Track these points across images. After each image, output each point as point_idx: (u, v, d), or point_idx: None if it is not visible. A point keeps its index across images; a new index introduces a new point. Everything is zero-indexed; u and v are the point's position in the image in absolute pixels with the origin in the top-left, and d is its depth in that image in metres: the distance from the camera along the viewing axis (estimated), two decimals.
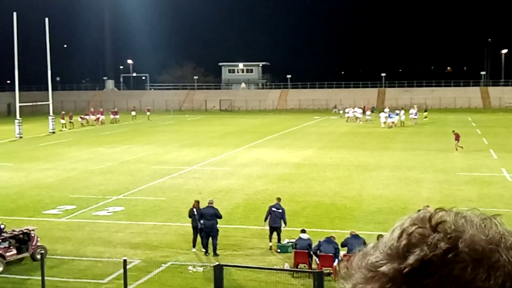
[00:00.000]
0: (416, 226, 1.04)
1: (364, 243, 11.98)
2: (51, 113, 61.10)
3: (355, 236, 17.40)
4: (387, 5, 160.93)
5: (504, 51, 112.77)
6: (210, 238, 19.21)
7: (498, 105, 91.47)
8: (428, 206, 17.02)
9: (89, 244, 20.32)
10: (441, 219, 1.04)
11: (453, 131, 42.88)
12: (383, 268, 1.01)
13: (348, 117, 69.84)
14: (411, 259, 0.99)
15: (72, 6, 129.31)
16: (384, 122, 60.44)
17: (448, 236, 1.00)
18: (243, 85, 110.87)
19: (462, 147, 40.73)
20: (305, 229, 18.71)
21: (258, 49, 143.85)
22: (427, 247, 0.99)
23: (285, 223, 19.72)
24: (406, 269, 0.99)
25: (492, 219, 1.04)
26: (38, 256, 17.78)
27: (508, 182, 29.70)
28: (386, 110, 64.96)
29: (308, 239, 18.22)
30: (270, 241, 19.72)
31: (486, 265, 0.97)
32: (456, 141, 41.33)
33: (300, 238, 18.14)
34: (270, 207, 20.19)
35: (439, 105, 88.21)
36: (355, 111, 70.29)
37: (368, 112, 70.32)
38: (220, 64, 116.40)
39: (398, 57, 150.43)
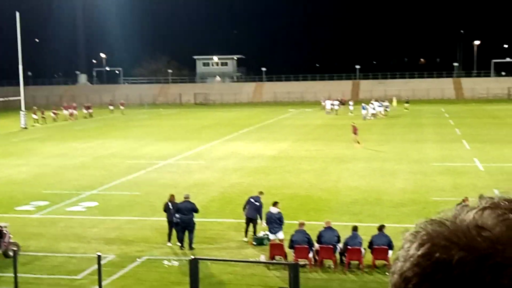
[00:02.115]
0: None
1: (338, 236, 11.98)
2: (22, 109, 60.24)
3: (329, 228, 17.45)
4: None
5: (477, 42, 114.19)
6: (186, 232, 19.11)
7: (471, 96, 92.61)
8: (466, 198, 16.75)
9: (63, 240, 20.07)
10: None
11: (352, 124, 42.15)
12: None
13: (330, 109, 69.93)
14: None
15: (44, 0, 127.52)
16: (373, 114, 60.94)
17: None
18: (217, 78, 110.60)
19: (359, 142, 39.57)
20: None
21: (233, 42, 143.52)
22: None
23: (260, 218, 19.66)
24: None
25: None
26: (11, 253, 17.51)
27: (481, 172, 30.08)
28: (374, 102, 64.87)
29: (279, 213, 18.53)
30: (246, 235, 19.65)
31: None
32: (354, 135, 40.30)
33: (269, 211, 18.63)
34: (249, 198, 20.20)
35: (413, 97, 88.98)
36: (333, 104, 70.44)
37: (351, 103, 70.53)
38: (195, 57, 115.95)
39: (372, 49, 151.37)
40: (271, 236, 18.53)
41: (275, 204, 19.01)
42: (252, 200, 19.96)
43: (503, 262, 0.89)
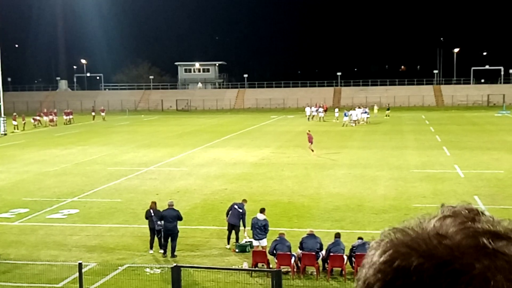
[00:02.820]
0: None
1: (320, 243, 12.01)
2: (2, 115, 59.61)
3: (311, 236, 17.48)
4: (341, 5, 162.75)
5: (456, 50, 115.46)
6: (169, 239, 19.03)
7: (451, 103, 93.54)
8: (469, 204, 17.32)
9: (43, 248, 19.86)
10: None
11: (307, 132, 41.27)
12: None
13: (311, 115, 70.20)
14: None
15: (24, 5, 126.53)
16: (355, 121, 61.30)
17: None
18: (199, 84, 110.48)
19: (313, 150, 39.09)
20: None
21: (215, 48, 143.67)
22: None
23: (244, 225, 19.65)
24: None
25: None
26: None
27: (461, 179, 30.35)
28: (358, 109, 65.06)
29: (265, 220, 18.51)
30: (228, 242, 19.61)
31: None
32: (309, 143, 39.70)
33: (256, 217, 18.59)
34: (233, 204, 20.18)
35: (393, 104, 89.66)
36: (318, 110, 70.56)
37: (336, 109, 70.74)
38: (176, 63, 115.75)
39: (353, 56, 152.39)
40: (255, 243, 18.51)
41: (262, 211, 18.98)
42: (235, 206, 19.94)
43: (460, 268, 0.91)
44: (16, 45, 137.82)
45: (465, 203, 1.07)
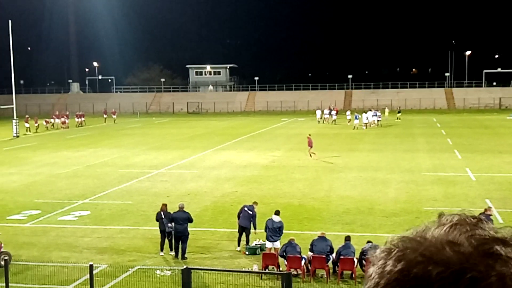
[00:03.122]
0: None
1: (331, 246, 12.02)
2: (15, 117, 60.04)
3: (322, 238, 17.47)
4: (352, 8, 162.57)
5: (468, 53, 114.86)
6: (180, 241, 19.09)
7: (462, 106, 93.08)
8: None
9: (54, 250, 19.99)
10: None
11: (308, 136, 40.55)
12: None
13: (323, 118, 69.86)
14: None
15: (36, 8, 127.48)
16: (366, 123, 61.03)
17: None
18: (210, 87, 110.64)
19: (314, 153, 38.65)
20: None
21: (226, 51, 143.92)
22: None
23: (254, 227, 19.69)
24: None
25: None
26: (2, 262, 17.40)
27: (472, 182, 30.20)
28: (369, 112, 64.61)
29: (280, 222, 18.56)
30: (239, 244, 19.64)
31: None
32: (309, 147, 39.14)
33: (271, 219, 18.63)
34: (243, 206, 20.24)
35: (404, 106, 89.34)
36: (330, 113, 69.85)
37: (348, 112, 70.13)
38: (188, 66, 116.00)
39: (364, 59, 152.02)
40: (268, 244, 18.55)
41: (277, 213, 19.05)
42: (246, 209, 19.98)
43: (478, 276, 0.93)
44: (29, 48, 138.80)
45: (464, 211, 1.09)
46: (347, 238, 17.42)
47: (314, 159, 38.27)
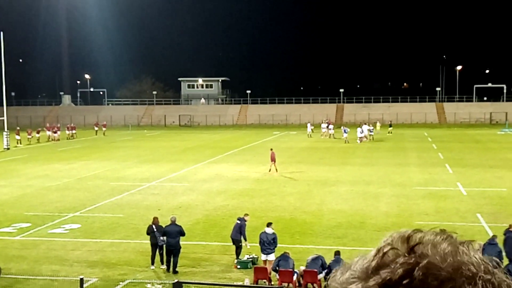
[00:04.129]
0: (390, 247, 1.04)
1: (323, 262, 11.96)
2: (5, 129, 59.79)
3: (316, 258, 17.45)
4: (344, 22, 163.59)
5: (459, 67, 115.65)
6: (172, 255, 19.02)
7: (453, 121, 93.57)
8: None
9: (44, 263, 19.84)
10: (420, 240, 1.04)
11: (271, 149, 40.35)
12: (352, 286, 1.02)
13: (324, 132, 69.35)
14: (371, 281, 1.00)
15: (28, 19, 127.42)
16: (359, 137, 60.88)
17: (409, 262, 1.00)
18: (202, 100, 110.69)
19: (276, 170, 38.07)
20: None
21: (218, 64, 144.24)
22: (389, 271, 0.99)
23: (244, 238, 19.65)
24: None
25: (461, 246, 1.03)
26: None
27: (463, 196, 30.29)
28: (364, 126, 64.36)
29: (273, 233, 18.63)
30: (237, 257, 19.57)
31: None
32: (272, 161, 38.51)
33: (264, 232, 18.64)
34: (237, 219, 20.29)
35: (396, 121, 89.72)
36: (328, 127, 68.82)
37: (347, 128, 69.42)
38: (180, 79, 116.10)
39: (356, 73, 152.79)
40: (263, 257, 18.64)
41: (269, 224, 19.08)
42: (237, 221, 20.03)
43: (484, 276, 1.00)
44: (20, 60, 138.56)
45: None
46: (337, 253, 17.41)
47: (276, 174, 37.70)
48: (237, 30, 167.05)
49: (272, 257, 18.34)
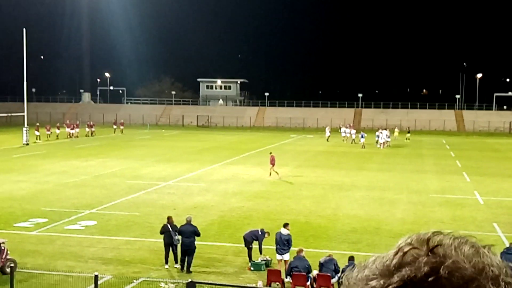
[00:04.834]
0: (411, 247, 1.07)
1: (336, 265, 11.96)
2: (25, 125, 60.41)
3: (329, 257, 17.44)
4: (365, 27, 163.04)
5: (479, 75, 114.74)
6: (186, 255, 19.09)
7: (472, 129, 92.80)
8: None
9: (60, 258, 20.02)
10: (439, 242, 1.06)
11: (270, 153, 40.28)
12: (373, 283, 1.05)
13: (344, 136, 69.14)
14: (395, 278, 1.02)
15: (50, 17, 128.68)
16: (381, 142, 60.58)
17: (434, 260, 1.02)
18: (220, 101, 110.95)
19: (277, 173, 37.83)
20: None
21: (237, 66, 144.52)
22: (413, 268, 1.02)
23: (260, 251, 19.68)
24: (389, 287, 1.01)
25: (482, 249, 1.06)
26: (8, 270, 17.47)
27: (480, 205, 30.04)
28: (384, 131, 63.79)
29: (288, 234, 18.75)
30: (250, 259, 19.60)
31: None
32: (271, 165, 38.23)
33: (280, 232, 18.80)
34: (260, 229, 20.28)
35: (414, 127, 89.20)
36: (350, 132, 68.30)
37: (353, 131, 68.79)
38: (199, 80, 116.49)
39: (375, 78, 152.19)
40: (278, 257, 18.75)
41: (285, 225, 19.19)
42: (259, 230, 20.07)
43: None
44: (42, 57, 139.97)
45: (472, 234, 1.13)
46: (351, 258, 17.37)
47: (276, 178, 37.50)
48: (257, 32, 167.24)
49: (287, 257, 18.57)
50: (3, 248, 18.41)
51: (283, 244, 18.63)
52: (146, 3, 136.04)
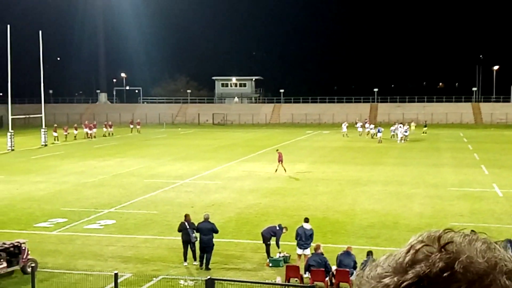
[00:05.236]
0: (424, 244, 1.10)
1: (355, 261, 12.05)
2: (43, 126, 60.97)
3: (347, 253, 17.42)
4: (379, 21, 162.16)
5: (496, 67, 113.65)
6: (205, 252, 19.20)
7: (490, 121, 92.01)
8: None
9: (80, 258, 20.23)
10: (450, 239, 1.09)
11: (277, 150, 40.62)
12: (386, 280, 1.07)
13: (362, 131, 68.96)
14: (410, 274, 1.05)
15: (66, 18, 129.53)
16: (400, 137, 60.64)
17: (448, 256, 1.05)
18: (236, 99, 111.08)
19: (285, 170, 37.80)
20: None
21: (252, 63, 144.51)
22: (427, 264, 1.04)
23: (277, 246, 19.70)
24: (404, 284, 1.04)
25: (494, 244, 1.09)
26: (29, 269, 17.70)
27: (499, 198, 29.82)
28: (398, 126, 63.76)
29: (311, 229, 18.99)
30: (268, 255, 19.64)
31: (479, 287, 1.01)
32: (279, 162, 38.34)
33: (302, 226, 19.01)
34: (278, 225, 20.33)
35: (431, 121, 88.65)
36: (370, 127, 68.26)
37: (372, 126, 68.73)
38: (214, 78, 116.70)
39: (390, 72, 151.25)
40: (299, 251, 18.84)
41: (307, 220, 19.32)
42: (276, 226, 20.10)
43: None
44: (58, 58, 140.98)
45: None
46: (369, 253, 17.34)
47: (285, 174, 37.44)
48: (271, 29, 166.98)
49: (308, 251, 18.60)
50: (24, 248, 18.65)
51: (307, 238, 18.76)
52: (160, 2, 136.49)
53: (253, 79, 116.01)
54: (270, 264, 19.20)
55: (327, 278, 17.07)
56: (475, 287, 1.01)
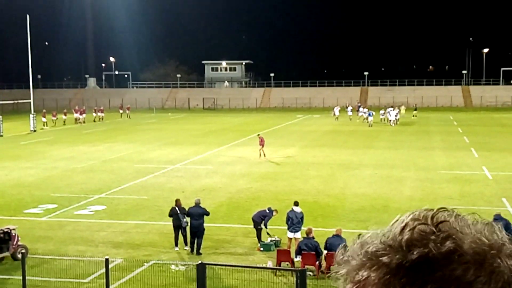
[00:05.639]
0: (418, 222, 1.07)
1: (345, 245, 12.03)
2: (32, 111, 60.55)
3: (337, 236, 17.46)
4: (370, 4, 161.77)
5: (485, 50, 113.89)
6: (195, 237, 19.20)
7: (479, 104, 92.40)
8: None
9: (70, 243, 20.17)
10: (443, 219, 1.06)
11: (258, 135, 40.32)
12: (385, 259, 1.03)
13: (353, 115, 69.08)
14: (415, 253, 1.01)
15: (53, 2, 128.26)
16: (392, 121, 61.00)
17: (453, 236, 1.02)
18: (226, 83, 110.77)
19: (264, 155, 37.59)
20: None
21: (241, 47, 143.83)
22: (432, 244, 1.01)
23: (265, 226, 19.74)
24: (409, 263, 1.00)
25: (494, 226, 1.06)
26: (19, 256, 17.60)
27: (489, 180, 29.99)
28: (389, 110, 63.98)
29: (301, 212, 19.00)
30: (259, 240, 19.66)
31: (487, 269, 0.99)
32: (261, 146, 38.09)
33: (292, 210, 19.01)
34: (267, 208, 20.34)
35: (421, 104, 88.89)
36: (364, 111, 67.97)
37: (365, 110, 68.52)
38: (203, 62, 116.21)
39: (380, 56, 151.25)
40: (290, 235, 18.88)
41: (296, 203, 19.32)
42: (266, 209, 20.11)
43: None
44: (46, 43, 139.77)
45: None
46: (359, 237, 17.39)
47: (264, 159, 37.36)
48: (261, 13, 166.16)
49: (298, 235, 18.63)
50: (14, 234, 18.57)
51: (297, 222, 18.79)
52: None
53: (243, 63, 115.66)
54: (261, 249, 19.23)
55: (317, 262, 17.12)
56: (483, 268, 0.98)
